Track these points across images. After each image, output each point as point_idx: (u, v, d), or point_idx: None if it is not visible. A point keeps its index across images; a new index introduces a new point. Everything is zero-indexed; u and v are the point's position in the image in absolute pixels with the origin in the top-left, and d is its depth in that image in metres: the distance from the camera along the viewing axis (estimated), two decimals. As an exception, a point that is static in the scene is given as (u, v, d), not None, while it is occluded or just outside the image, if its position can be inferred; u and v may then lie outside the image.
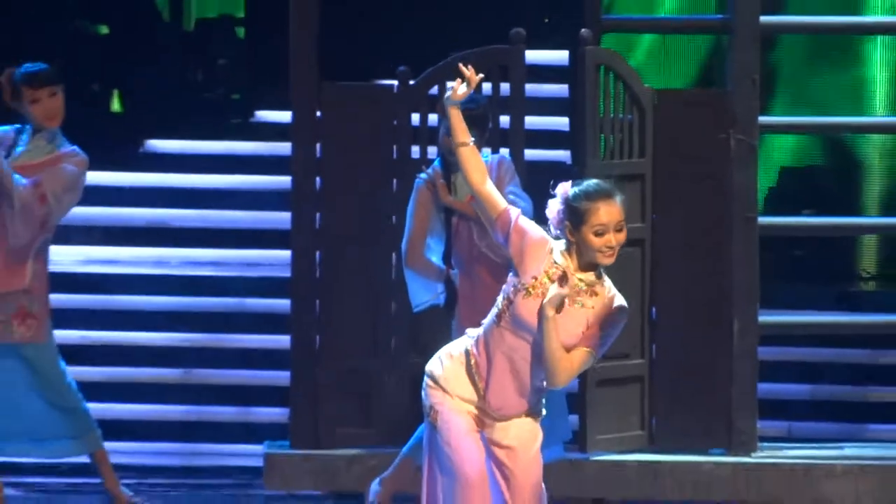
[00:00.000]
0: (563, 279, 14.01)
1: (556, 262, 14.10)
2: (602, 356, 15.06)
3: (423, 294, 19.45)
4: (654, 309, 21.21)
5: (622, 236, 14.18)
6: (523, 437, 14.76)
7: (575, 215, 13.94)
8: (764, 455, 21.09)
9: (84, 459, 19.50)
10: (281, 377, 21.85)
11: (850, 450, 21.49)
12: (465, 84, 14.01)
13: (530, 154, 21.00)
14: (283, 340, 21.71)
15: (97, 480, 19.42)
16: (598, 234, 13.87)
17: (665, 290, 21.30)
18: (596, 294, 14.30)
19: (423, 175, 19.14)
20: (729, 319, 21.18)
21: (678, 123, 21.22)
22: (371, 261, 20.67)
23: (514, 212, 14.46)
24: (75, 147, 18.92)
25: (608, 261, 14.11)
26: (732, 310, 21.22)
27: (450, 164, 18.92)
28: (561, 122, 21.95)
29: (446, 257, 19.11)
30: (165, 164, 23.81)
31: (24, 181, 18.35)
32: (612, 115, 20.94)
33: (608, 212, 13.99)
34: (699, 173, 21.50)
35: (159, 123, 23.03)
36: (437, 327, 19.27)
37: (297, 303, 21.33)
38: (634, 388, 20.92)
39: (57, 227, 19.36)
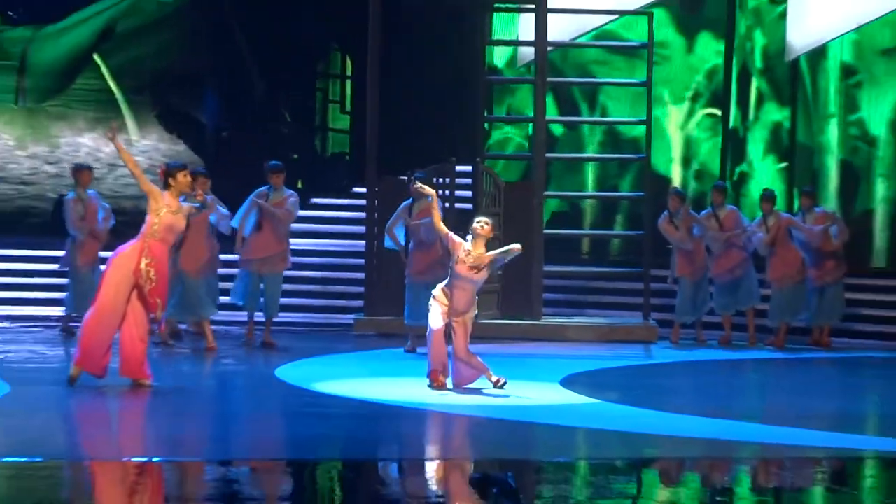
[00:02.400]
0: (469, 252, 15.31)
1: (466, 248, 15.34)
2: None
3: (390, 243, 19.36)
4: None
5: (488, 229, 15.48)
6: (463, 320, 15.46)
7: (470, 225, 15.24)
8: (545, 321, 21.37)
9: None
10: (360, 289, 21.89)
11: (579, 319, 21.89)
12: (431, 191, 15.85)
13: (457, 205, 20.93)
14: (361, 275, 21.77)
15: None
16: (475, 230, 15.26)
17: (514, 232, 21.39)
18: (486, 259, 15.37)
19: (404, 203, 19.30)
20: (531, 268, 21.16)
21: (513, 195, 21.55)
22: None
23: (450, 233, 15.58)
24: (294, 193, 19.46)
25: (483, 235, 15.41)
26: (533, 264, 21.16)
27: (414, 200, 18.85)
28: (469, 194, 21.73)
29: (407, 238, 19.36)
30: (322, 207, 23.94)
31: (273, 209, 18.79)
32: (488, 191, 21.31)
33: (479, 220, 15.43)
34: (520, 214, 21.26)
35: (319, 191, 22.60)
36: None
37: (369, 265, 21.45)
38: (493, 295, 20.99)
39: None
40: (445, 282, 15.88)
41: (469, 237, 15.66)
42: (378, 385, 16.39)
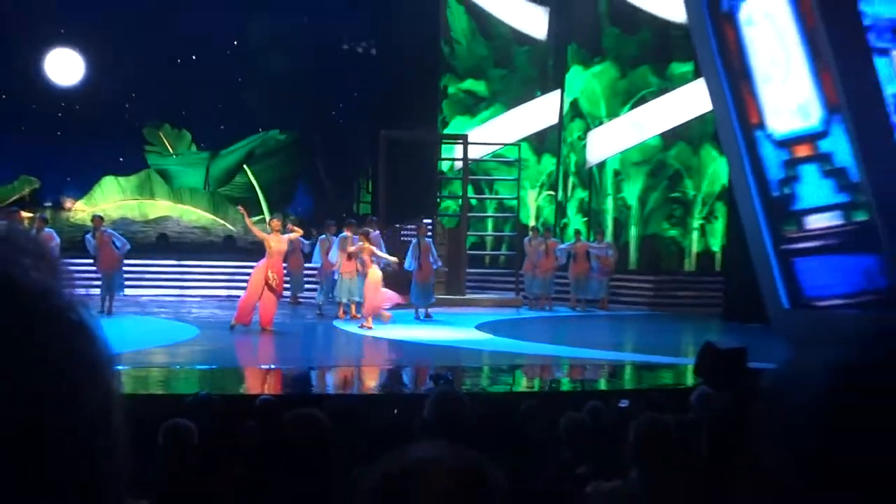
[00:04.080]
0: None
1: (358, 243, 15.17)
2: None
3: (409, 266, 17.39)
4: (440, 262, 18.63)
5: (360, 237, 15.17)
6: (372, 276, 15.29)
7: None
8: (467, 296, 20.32)
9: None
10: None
11: (484, 295, 20.93)
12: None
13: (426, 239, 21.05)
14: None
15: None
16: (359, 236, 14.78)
17: (452, 259, 19.97)
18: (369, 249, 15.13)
19: (413, 241, 18.16)
20: (458, 264, 20.35)
21: (452, 235, 20.69)
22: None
23: (358, 241, 15.37)
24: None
25: (361, 240, 15.13)
26: (461, 266, 20.40)
27: (418, 240, 17.62)
28: (430, 233, 20.48)
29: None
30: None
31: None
32: (440, 231, 20.68)
33: (357, 234, 15.14)
34: (455, 244, 20.50)
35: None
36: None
37: (384, 271, 21.06)
38: (441, 283, 19.65)
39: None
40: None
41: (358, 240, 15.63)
42: (387, 331, 16.02)
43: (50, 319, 0.62)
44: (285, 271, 16.41)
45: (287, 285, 17.82)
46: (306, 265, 18.93)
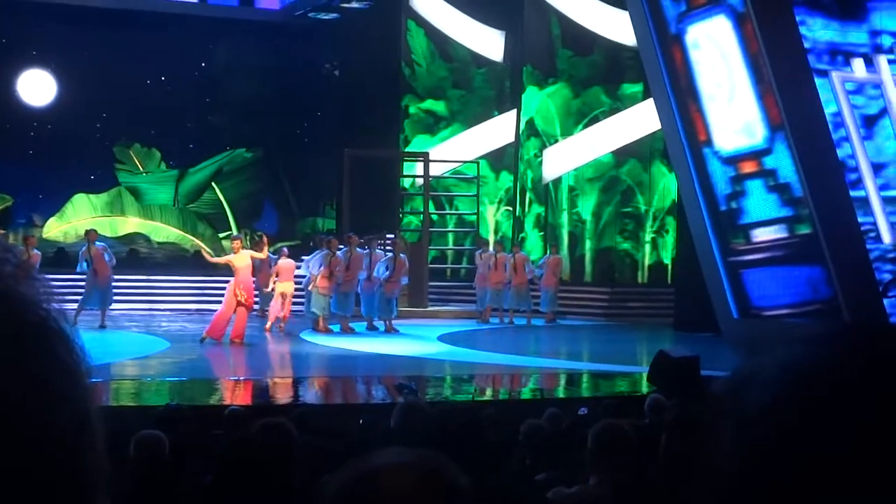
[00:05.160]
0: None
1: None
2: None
3: (382, 274, 17.07)
4: (407, 278, 18.05)
5: (281, 255, 15.39)
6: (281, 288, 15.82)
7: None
8: (430, 308, 20.16)
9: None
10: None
11: (446, 307, 20.81)
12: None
13: (388, 253, 19.37)
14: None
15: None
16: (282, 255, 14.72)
17: (414, 272, 18.74)
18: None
19: (389, 255, 17.83)
20: (423, 272, 20.07)
21: (414, 249, 20.22)
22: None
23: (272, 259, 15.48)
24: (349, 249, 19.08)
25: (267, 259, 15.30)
26: (423, 280, 20.14)
27: (394, 255, 17.39)
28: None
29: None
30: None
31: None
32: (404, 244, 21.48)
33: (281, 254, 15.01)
34: (417, 258, 19.88)
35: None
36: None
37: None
38: (405, 296, 19.11)
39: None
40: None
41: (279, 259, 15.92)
42: (349, 343, 16.01)
43: (33, 328, 0.62)
44: (255, 286, 16.30)
45: (257, 299, 17.70)
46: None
